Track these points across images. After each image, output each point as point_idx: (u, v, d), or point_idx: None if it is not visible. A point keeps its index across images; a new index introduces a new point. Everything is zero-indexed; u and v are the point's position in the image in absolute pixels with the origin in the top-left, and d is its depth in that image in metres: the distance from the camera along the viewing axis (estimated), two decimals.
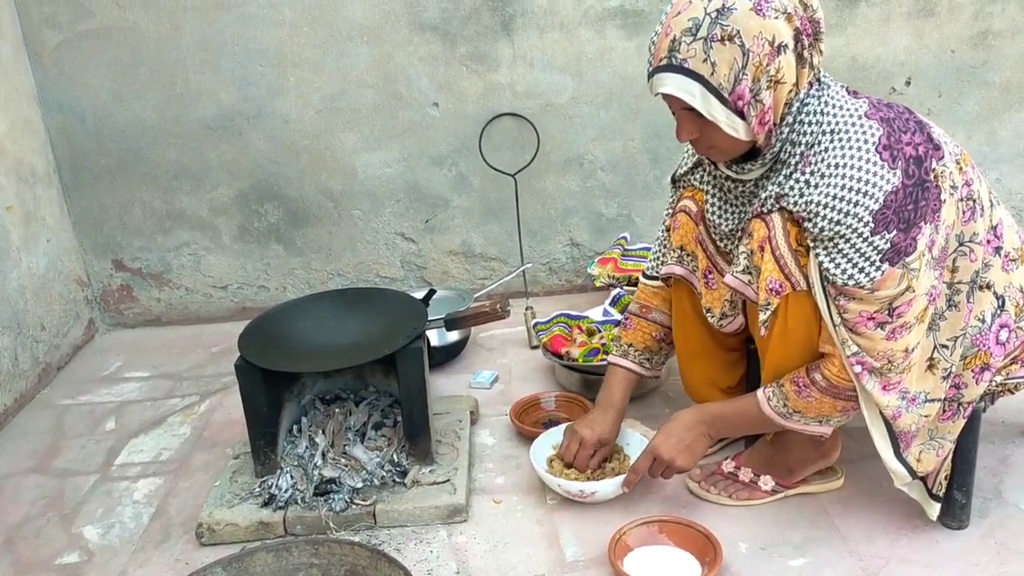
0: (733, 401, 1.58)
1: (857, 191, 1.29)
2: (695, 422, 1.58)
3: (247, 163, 2.64)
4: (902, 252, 1.30)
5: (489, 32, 2.52)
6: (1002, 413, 1.84)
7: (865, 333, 1.36)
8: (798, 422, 1.48)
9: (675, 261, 1.69)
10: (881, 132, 1.31)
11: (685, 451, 1.57)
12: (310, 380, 1.89)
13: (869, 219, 1.29)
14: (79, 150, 2.62)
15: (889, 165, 1.29)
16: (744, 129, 1.35)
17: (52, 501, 1.89)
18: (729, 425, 1.60)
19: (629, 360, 1.77)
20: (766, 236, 1.41)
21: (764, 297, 1.42)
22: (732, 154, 1.43)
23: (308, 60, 2.54)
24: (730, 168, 1.48)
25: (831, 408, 1.45)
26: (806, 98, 1.36)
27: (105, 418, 2.24)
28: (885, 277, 1.31)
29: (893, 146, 1.30)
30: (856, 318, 1.36)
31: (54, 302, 2.55)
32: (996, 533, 1.54)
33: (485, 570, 1.56)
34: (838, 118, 1.35)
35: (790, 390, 1.45)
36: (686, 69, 1.32)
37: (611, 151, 2.65)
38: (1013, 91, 2.65)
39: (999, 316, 1.46)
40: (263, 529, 1.66)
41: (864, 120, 1.33)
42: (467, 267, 2.79)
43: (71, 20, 2.48)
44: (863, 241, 1.30)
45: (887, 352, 1.37)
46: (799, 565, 1.51)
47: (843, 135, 1.33)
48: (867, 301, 1.34)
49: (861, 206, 1.29)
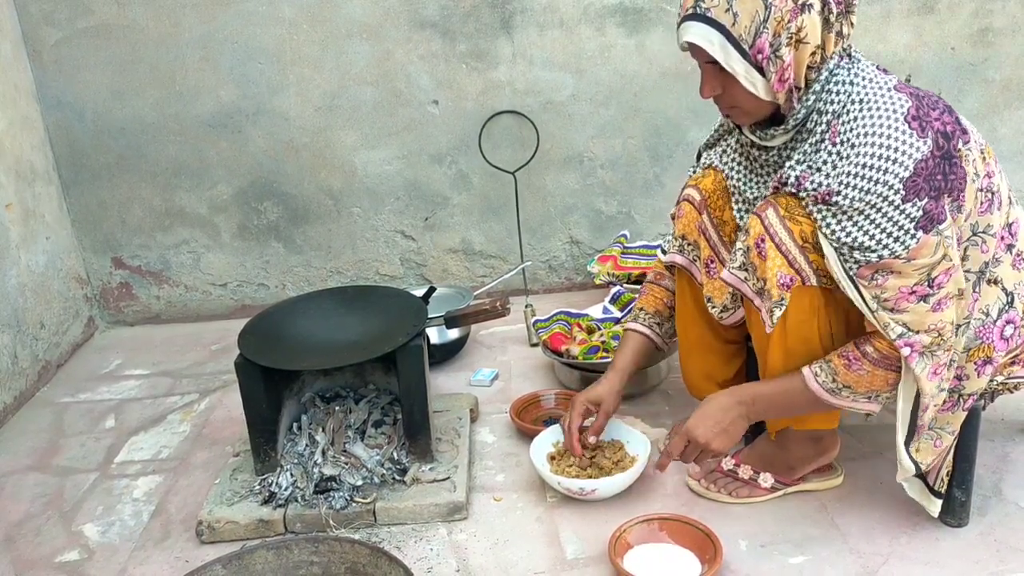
0: (774, 380, 1.50)
1: (887, 159, 1.29)
2: (732, 403, 1.52)
3: (247, 161, 2.64)
4: (935, 220, 1.30)
5: (489, 29, 2.52)
6: (1002, 411, 1.84)
7: (909, 308, 1.34)
8: (847, 398, 1.44)
9: (676, 250, 1.69)
10: (910, 104, 1.32)
11: (721, 434, 1.52)
12: (310, 378, 1.89)
13: (900, 186, 1.28)
14: (78, 147, 2.62)
15: (919, 134, 1.29)
16: (763, 86, 1.36)
17: (52, 499, 1.89)
18: (769, 406, 1.53)
19: (639, 323, 1.77)
20: (762, 233, 1.41)
21: (777, 293, 1.41)
22: (754, 115, 1.43)
23: (308, 57, 2.54)
24: (754, 133, 1.48)
25: (883, 381, 1.41)
26: (835, 68, 1.37)
27: (105, 416, 2.24)
28: (921, 245, 1.30)
29: (922, 118, 1.31)
30: (897, 295, 1.34)
31: (53, 300, 2.55)
32: (996, 531, 1.54)
33: (485, 568, 1.56)
34: (867, 89, 1.36)
35: (839, 364, 1.42)
36: (709, 18, 1.33)
37: (611, 149, 2.65)
38: (1013, 88, 2.65)
39: (1007, 312, 1.46)
40: (263, 527, 1.66)
41: (893, 92, 1.34)
42: (467, 265, 2.78)
43: (70, 17, 2.48)
44: (895, 209, 1.29)
45: (936, 324, 1.35)
46: (799, 563, 1.51)
47: (872, 104, 1.34)
48: (905, 274, 1.32)
49: (891, 173, 1.28)
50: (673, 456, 1.56)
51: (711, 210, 1.62)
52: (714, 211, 1.62)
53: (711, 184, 1.63)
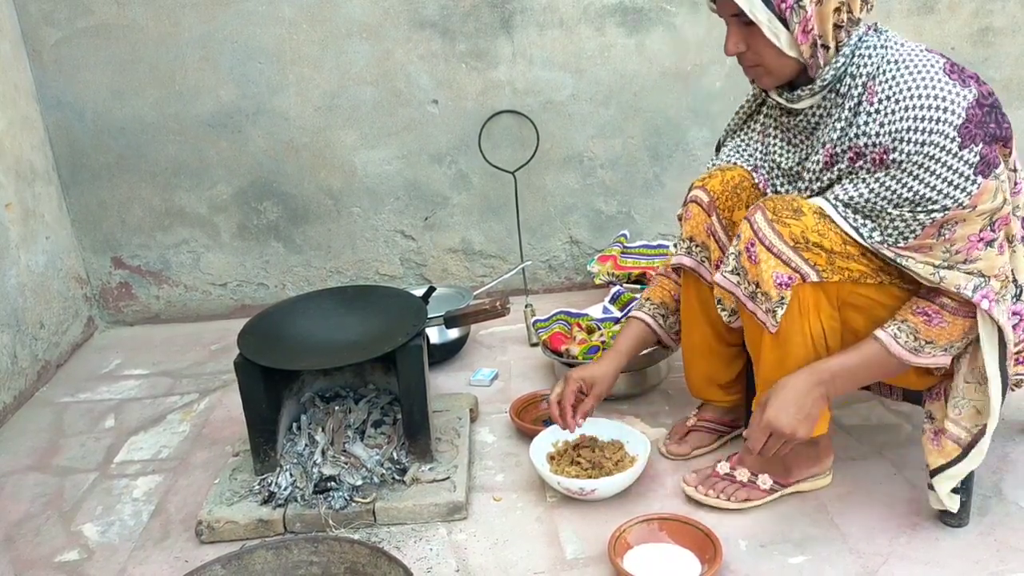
0: (849, 353, 1.45)
1: (937, 108, 1.30)
2: (812, 385, 1.43)
3: (246, 160, 2.64)
4: (992, 164, 1.32)
5: (489, 29, 2.52)
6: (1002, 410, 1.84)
7: (980, 256, 1.35)
8: (929, 355, 1.41)
9: (684, 252, 1.69)
10: (944, 61, 1.35)
11: (806, 420, 1.43)
12: (310, 378, 1.89)
13: (955, 134, 1.30)
14: (78, 147, 2.62)
15: (961, 84, 1.32)
16: (786, 38, 1.37)
17: (52, 499, 1.89)
18: (852, 378, 1.46)
19: (643, 312, 1.77)
20: (752, 238, 1.42)
21: (776, 293, 1.42)
22: (778, 75, 1.44)
23: (307, 57, 2.54)
24: (781, 95, 1.49)
25: (960, 330, 1.40)
26: (865, 35, 1.40)
27: (104, 416, 2.24)
28: (982, 191, 1.31)
29: (959, 71, 1.34)
30: (967, 245, 1.35)
31: (53, 300, 2.55)
32: (996, 531, 1.54)
33: (485, 568, 1.56)
34: (900, 51, 1.38)
35: (918, 322, 1.40)
36: None
37: (611, 148, 2.65)
38: (1014, 88, 2.65)
39: (1014, 304, 1.47)
40: (263, 527, 1.66)
41: (925, 52, 1.37)
42: (467, 265, 2.78)
43: (70, 17, 2.48)
44: (953, 157, 1.30)
45: (1003, 268, 1.37)
46: (799, 563, 1.51)
47: (908, 63, 1.36)
48: (971, 221, 1.34)
49: (944, 122, 1.30)
50: (755, 451, 1.47)
51: (720, 211, 1.62)
52: (723, 212, 1.62)
53: (719, 185, 1.63)
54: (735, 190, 1.62)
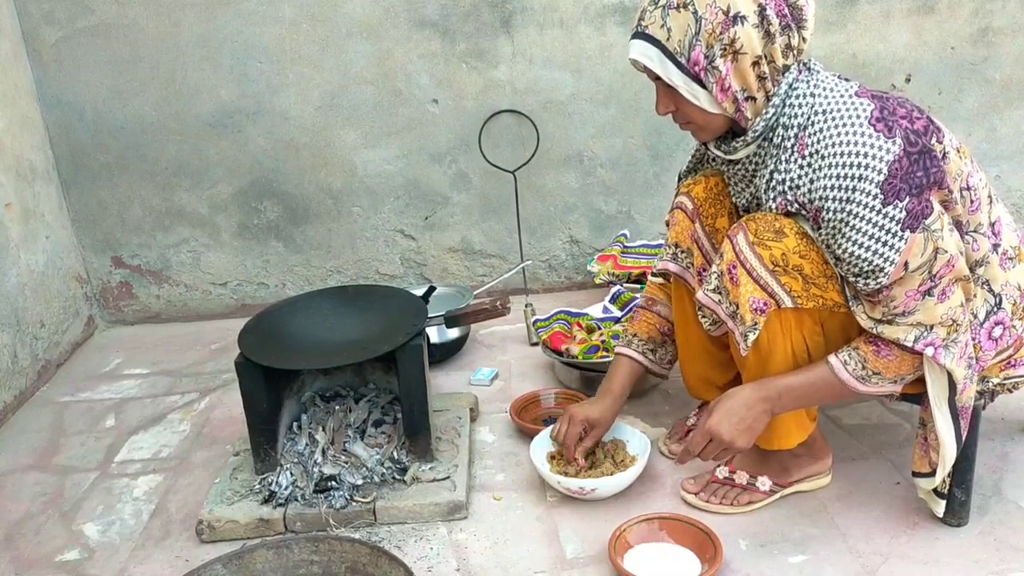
0: (799, 373, 1.47)
1: (858, 165, 1.30)
2: (757, 399, 1.47)
3: (246, 160, 2.64)
4: (920, 216, 1.30)
5: (489, 29, 2.52)
6: (1001, 410, 1.84)
7: (918, 307, 1.35)
8: (875, 384, 1.43)
9: (670, 258, 1.69)
10: (872, 107, 1.33)
11: (746, 431, 1.46)
12: (310, 377, 1.89)
13: (877, 191, 1.29)
14: (78, 147, 2.62)
15: (885, 135, 1.30)
16: (706, 97, 1.39)
17: (52, 498, 1.89)
18: (797, 398, 1.49)
19: (632, 349, 1.76)
20: (733, 260, 1.42)
21: (751, 318, 1.42)
22: (709, 130, 1.46)
23: (307, 57, 2.54)
24: (718, 148, 1.50)
25: (910, 365, 1.41)
26: (795, 82, 1.40)
27: (105, 415, 2.24)
28: (910, 245, 1.30)
29: (887, 118, 1.32)
30: (905, 300, 1.35)
31: (53, 299, 2.55)
32: (996, 530, 1.54)
33: (485, 567, 1.56)
34: (829, 99, 1.37)
35: (868, 352, 1.41)
36: (647, 35, 1.39)
37: (611, 148, 2.65)
38: (1013, 88, 2.65)
39: (995, 313, 1.46)
40: (263, 526, 1.66)
41: (855, 98, 1.36)
42: (467, 264, 2.78)
43: (70, 16, 2.48)
44: (877, 214, 1.30)
45: (948, 313, 1.36)
46: (799, 562, 1.51)
47: (835, 113, 1.35)
48: (906, 280, 1.33)
49: (866, 180, 1.29)
50: (693, 454, 1.52)
51: (703, 218, 1.63)
52: (706, 219, 1.63)
53: (702, 192, 1.64)
54: (718, 196, 1.63)
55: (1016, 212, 2.79)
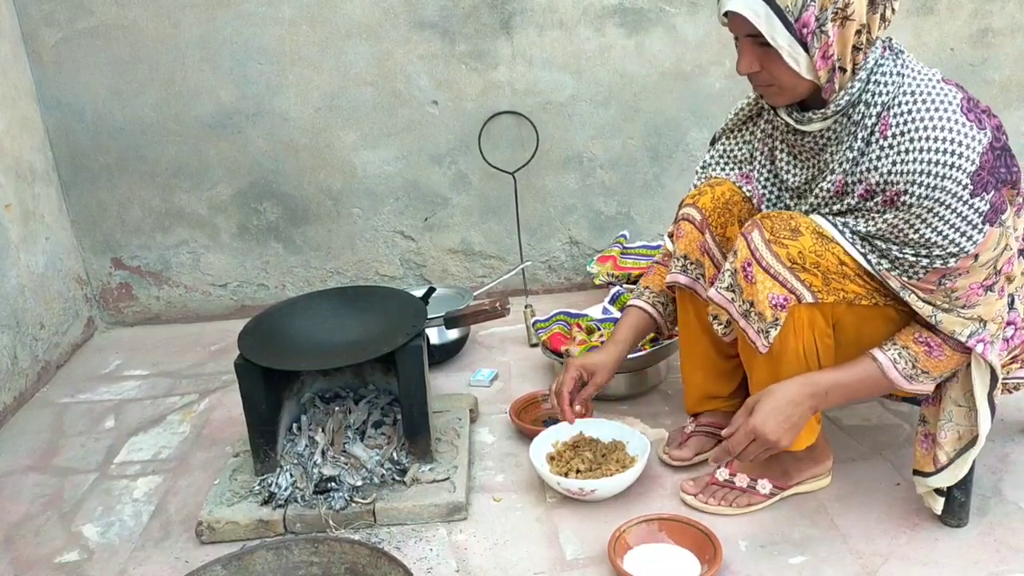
0: (845, 369, 1.44)
1: (952, 153, 1.27)
2: (805, 396, 1.42)
3: (246, 161, 2.64)
4: (999, 210, 1.29)
5: (488, 30, 2.52)
6: (1001, 411, 1.83)
7: (980, 301, 1.35)
8: (922, 383, 1.42)
9: (679, 270, 1.67)
10: (961, 96, 1.31)
11: (792, 429, 1.41)
12: (310, 378, 1.89)
13: (968, 181, 1.27)
14: (78, 148, 2.62)
15: (978, 126, 1.28)
16: (806, 63, 1.32)
17: (51, 499, 1.89)
18: (844, 394, 1.45)
19: (642, 300, 1.76)
20: (748, 257, 1.40)
21: (771, 314, 1.40)
22: (792, 95, 1.40)
23: (307, 58, 2.54)
24: (790, 115, 1.45)
25: (955, 364, 1.41)
26: (881, 59, 1.35)
27: (104, 416, 2.24)
28: (988, 238, 1.30)
29: (975, 109, 1.30)
30: (968, 292, 1.34)
31: (53, 300, 2.55)
32: (995, 531, 1.54)
33: (485, 568, 1.56)
34: (917, 81, 1.34)
35: (919, 351, 1.40)
36: None
37: (610, 149, 2.65)
38: (1012, 89, 2.65)
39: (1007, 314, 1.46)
40: (263, 527, 1.66)
41: (943, 84, 1.33)
42: (466, 265, 2.78)
43: (70, 18, 2.48)
44: (964, 204, 1.28)
45: (1000, 310, 1.36)
46: (799, 563, 1.51)
47: (925, 96, 1.31)
48: (973, 272, 1.32)
49: (959, 168, 1.27)
50: (734, 454, 1.45)
51: (712, 228, 1.61)
52: (716, 229, 1.61)
53: (709, 202, 1.62)
54: (726, 206, 1.61)
55: None
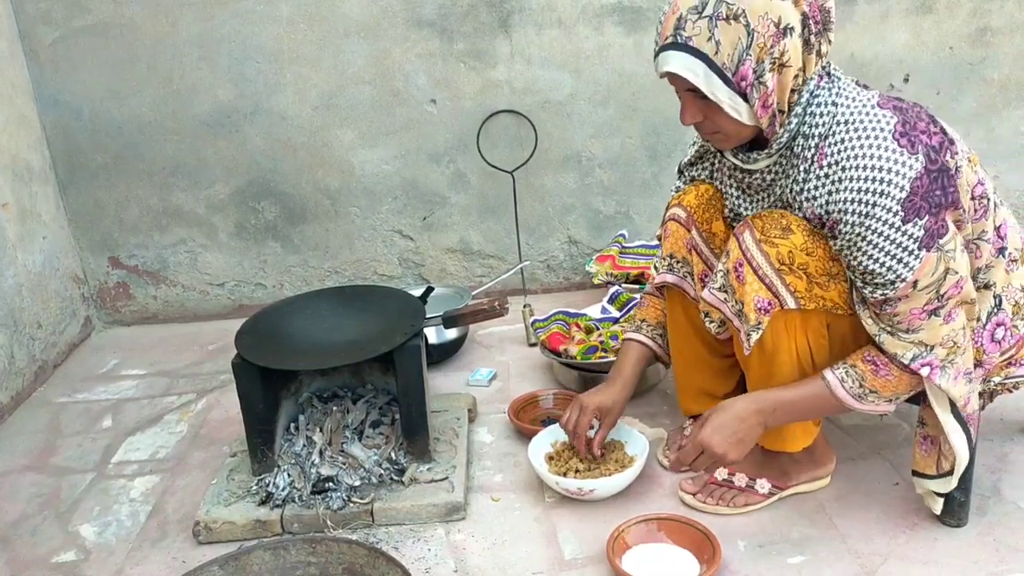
0: (794, 387, 1.46)
1: (881, 180, 1.27)
2: (751, 412, 1.46)
3: (244, 160, 2.64)
4: (936, 235, 1.29)
5: (487, 29, 2.52)
6: (1000, 410, 1.84)
7: (923, 326, 1.34)
8: (871, 403, 1.43)
9: (666, 269, 1.68)
10: (896, 120, 1.30)
11: (738, 444, 1.46)
12: (307, 378, 1.88)
13: (898, 208, 1.27)
14: (75, 146, 2.61)
15: (909, 151, 1.27)
16: (747, 112, 1.34)
17: (48, 499, 1.88)
18: (791, 413, 1.48)
19: (641, 334, 1.75)
20: (740, 258, 1.41)
21: (755, 318, 1.41)
22: (737, 140, 1.41)
23: (305, 57, 2.53)
24: (736, 156, 1.46)
25: (907, 385, 1.41)
26: (816, 89, 1.35)
27: (102, 416, 2.24)
28: (924, 264, 1.29)
29: (909, 133, 1.29)
30: (910, 318, 1.34)
31: (50, 299, 2.54)
32: (995, 531, 1.54)
33: (483, 568, 1.55)
34: (851, 109, 1.34)
35: (866, 370, 1.41)
36: (690, 47, 1.30)
37: (609, 148, 2.65)
38: (1011, 88, 2.65)
39: (995, 315, 1.46)
40: (260, 527, 1.66)
41: (877, 110, 1.32)
42: (465, 264, 2.78)
43: (67, 16, 2.47)
44: (896, 231, 1.28)
45: (950, 335, 1.35)
46: (798, 563, 1.50)
47: (857, 124, 1.31)
48: (913, 298, 1.32)
49: (888, 196, 1.27)
50: (685, 464, 1.51)
51: (699, 224, 1.61)
52: (702, 225, 1.61)
53: (694, 200, 1.62)
54: (710, 201, 1.61)
55: (1015, 212, 2.79)
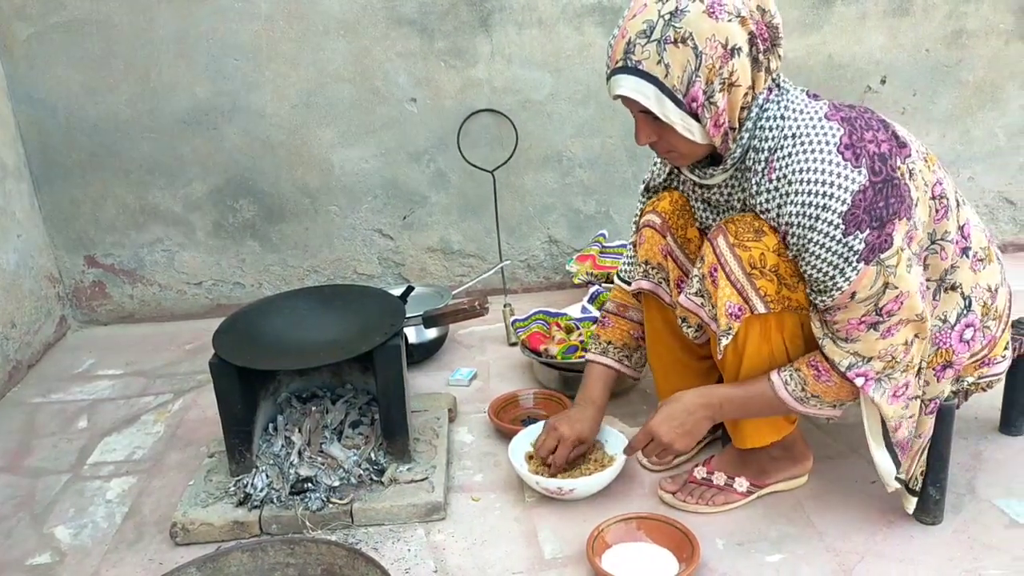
0: (742, 385, 1.50)
1: (823, 194, 1.30)
2: (699, 406, 1.53)
3: (222, 158, 2.62)
4: (877, 249, 1.31)
5: (467, 27, 2.51)
6: (975, 409, 1.86)
7: (860, 337, 1.37)
8: (814, 407, 1.46)
9: (641, 276, 1.69)
10: (842, 132, 1.32)
11: (685, 435, 1.53)
12: (286, 378, 1.87)
13: (839, 221, 1.30)
14: (50, 144, 2.58)
15: (853, 164, 1.30)
16: (699, 131, 1.36)
17: (23, 501, 1.86)
18: (737, 409, 1.53)
19: (608, 357, 1.76)
20: (714, 263, 1.42)
21: (725, 323, 1.43)
22: (692, 157, 1.45)
23: (284, 54, 2.52)
24: (693, 172, 1.50)
25: (848, 392, 1.44)
26: (765, 103, 1.38)
27: (77, 416, 2.21)
28: (861, 276, 1.31)
29: (855, 144, 1.31)
30: (847, 328, 1.37)
31: (25, 299, 2.51)
32: (969, 528, 1.56)
33: (463, 568, 1.55)
34: (799, 122, 1.36)
35: (808, 374, 1.44)
36: (640, 71, 1.33)
37: (589, 148, 2.65)
38: (986, 90, 2.68)
39: (965, 316, 1.47)
40: (238, 529, 1.65)
41: (824, 122, 1.34)
42: (445, 264, 2.78)
43: (42, 12, 2.44)
44: (837, 243, 1.31)
45: (887, 349, 1.37)
46: (776, 561, 1.51)
47: (804, 138, 1.34)
48: (851, 308, 1.35)
49: (829, 210, 1.30)
50: (636, 450, 1.59)
51: (673, 231, 1.62)
52: (676, 231, 1.62)
53: (668, 206, 1.63)
54: (684, 207, 1.63)
55: (990, 213, 2.82)
